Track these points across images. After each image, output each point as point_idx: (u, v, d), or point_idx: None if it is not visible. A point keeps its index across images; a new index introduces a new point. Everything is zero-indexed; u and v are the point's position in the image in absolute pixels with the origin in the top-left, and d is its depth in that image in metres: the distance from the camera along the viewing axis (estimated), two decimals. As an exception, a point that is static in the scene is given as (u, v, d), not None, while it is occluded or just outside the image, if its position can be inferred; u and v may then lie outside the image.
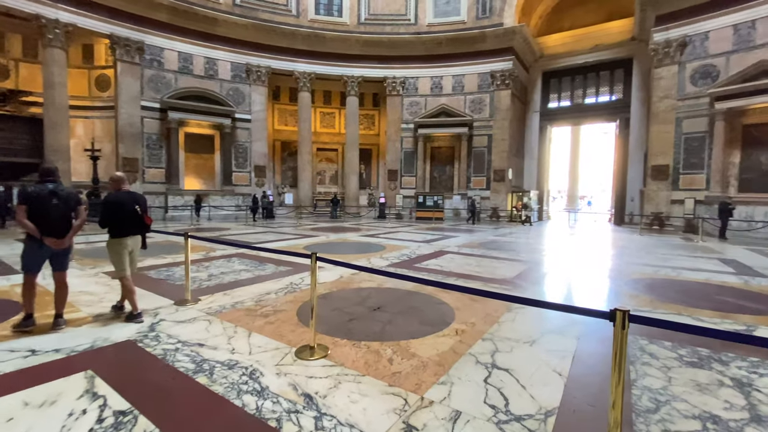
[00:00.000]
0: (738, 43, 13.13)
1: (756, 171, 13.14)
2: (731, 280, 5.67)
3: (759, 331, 3.44)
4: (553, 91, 20.74)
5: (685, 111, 14.49)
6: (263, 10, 17.72)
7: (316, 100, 21.42)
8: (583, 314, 1.74)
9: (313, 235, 10.84)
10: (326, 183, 22.89)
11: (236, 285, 4.93)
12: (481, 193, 18.88)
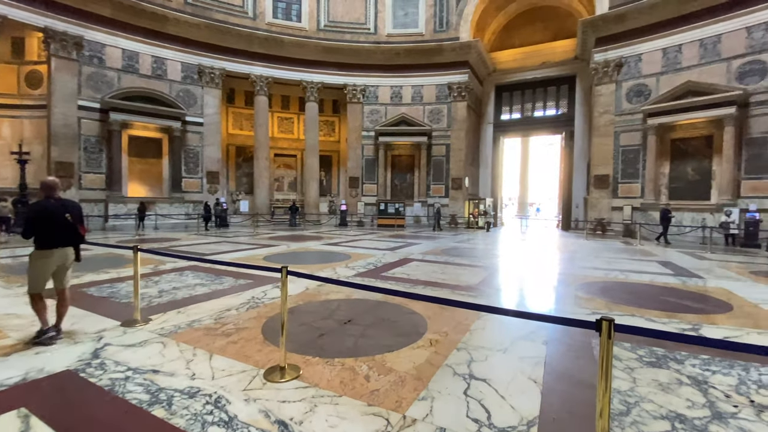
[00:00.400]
0: (667, 65, 14.61)
1: (683, 180, 14.62)
2: (671, 281, 6.19)
3: (704, 329, 3.74)
4: (506, 104, 21.83)
5: (622, 125, 15.82)
6: (217, 10, 17.00)
7: (274, 104, 20.87)
8: (569, 325, 1.76)
9: (272, 244, 10.41)
10: (284, 190, 22.25)
11: (191, 301, 4.55)
12: (440, 200, 19.30)
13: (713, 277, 6.51)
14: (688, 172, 14.52)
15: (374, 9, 19.20)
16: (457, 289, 5.41)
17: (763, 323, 3.94)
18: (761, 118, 12.54)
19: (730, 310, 4.43)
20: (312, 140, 19.58)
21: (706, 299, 4.97)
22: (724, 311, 4.40)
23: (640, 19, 14.97)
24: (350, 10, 19.17)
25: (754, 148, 12.74)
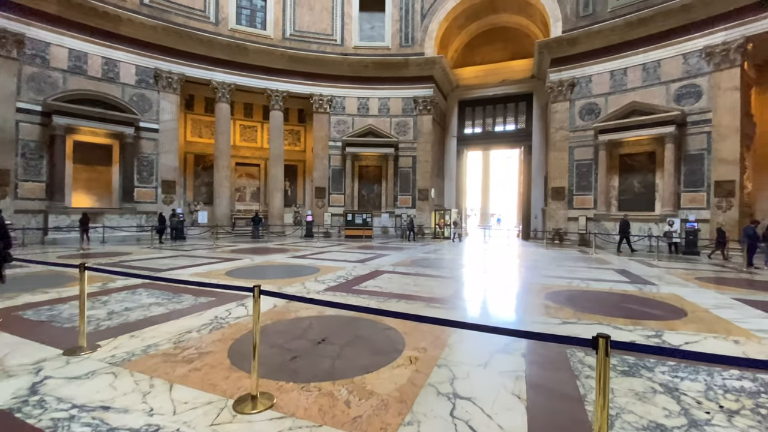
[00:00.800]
0: (614, 86, 15.77)
1: (631, 193, 15.70)
2: (629, 288, 6.52)
3: (666, 336, 3.92)
4: (468, 118, 22.59)
5: (576, 141, 16.81)
6: (177, 13, 16.30)
7: (236, 112, 20.22)
8: (566, 343, 1.73)
9: (234, 257, 9.90)
10: (246, 200, 21.46)
11: (146, 323, 4.15)
12: (407, 211, 19.44)
13: (665, 284, 6.95)
14: (635, 185, 15.64)
15: (341, 21, 19.28)
16: (432, 301, 5.36)
17: (717, 327, 4.21)
18: (697, 136, 13.81)
19: (685, 316, 4.70)
20: (277, 149, 19.10)
21: (662, 305, 5.26)
22: (679, 317, 4.66)
23: (590, 43, 16.12)
24: (317, 20, 19.12)
25: (691, 163, 13.97)
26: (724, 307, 5.16)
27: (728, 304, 5.34)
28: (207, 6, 17.13)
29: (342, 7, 19.25)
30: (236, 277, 6.93)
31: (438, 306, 5.14)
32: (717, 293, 6.10)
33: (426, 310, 4.86)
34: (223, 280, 6.62)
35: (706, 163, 13.57)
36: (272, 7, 18.54)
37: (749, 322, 4.40)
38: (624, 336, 3.90)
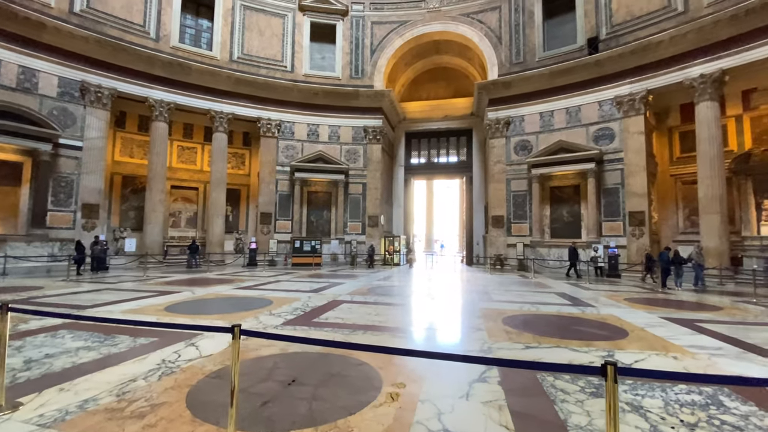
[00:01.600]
0: (543, 126, 17.56)
1: (560, 222, 17.27)
2: (573, 310, 7.03)
3: (617, 355, 4.25)
4: (414, 149, 23.59)
5: (512, 174, 18.25)
6: (112, 25, 15.19)
7: (175, 132, 18.99)
8: (573, 372, 1.78)
9: (170, 290, 8.97)
10: (181, 226, 19.84)
11: (77, 372, 3.53)
12: (357, 237, 19.35)
13: (601, 305, 7.62)
14: (564, 214, 17.26)
15: (291, 49, 19.38)
16: (398, 332, 5.28)
17: (656, 345, 4.66)
18: (613, 172, 15.74)
19: (627, 336, 5.16)
20: (219, 172, 18.11)
21: (606, 326, 5.73)
22: (623, 336, 5.10)
23: (522, 87, 17.93)
24: (266, 46, 19.00)
25: (609, 196, 15.82)
26: (655, 325, 5.76)
27: (658, 322, 5.99)
28: (147, 21, 16.22)
29: (293, 36, 19.41)
30: (178, 313, 6.26)
31: (405, 336, 5.08)
32: (646, 313, 6.81)
33: (394, 341, 4.77)
34: (164, 317, 5.93)
35: (621, 196, 15.46)
36: (219, 29, 18.11)
37: (680, 339, 4.95)
38: (582, 358, 4.15)
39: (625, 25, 15.50)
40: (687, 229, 15.81)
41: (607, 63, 15.70)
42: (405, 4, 19.95)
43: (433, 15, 19.72)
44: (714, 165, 13.14)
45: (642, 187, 14.93)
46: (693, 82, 13.56)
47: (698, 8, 13.56)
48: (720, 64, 12.90)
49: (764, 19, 11.73)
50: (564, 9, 17.50)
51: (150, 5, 16.29)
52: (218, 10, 18.13)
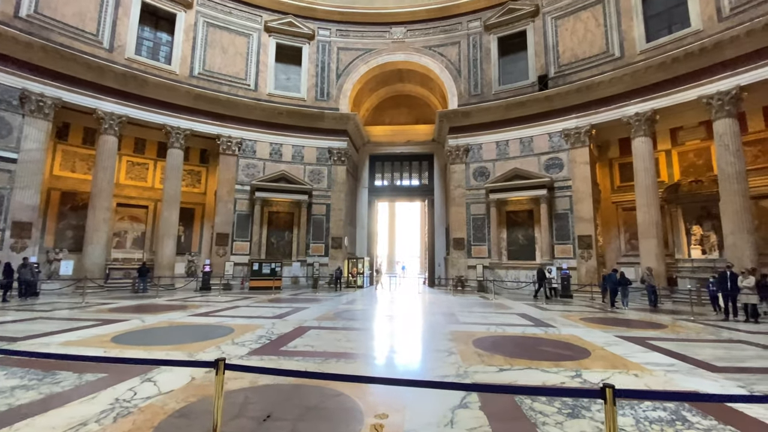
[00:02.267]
0: (500, 154, 18.58)
1: (516, 245, 18.08)
2: (537, 331, 7.29)
3: (585, 374, 4.42)
4: (378, 171, 23.93)
5: (471, 198, 18.98)
6: (61, 33, 14.24)
7: (125, 146, 17.80)
8: (574, 396, 1.83)
9: (116, 318, 8.16)
10: (126, 247, 18.33)
11: (15, 416, 3.05)
12: (319, 259, 18.94)
13: (561, 326, 7.97)
14: (520, 237, 18.12)
15: (255, 68, 19.19)
16: (372, 359, 5.17)
17: (617, 363, 4.93)
18: (562, 198, 16.88)
19: (590, 355, 5.41)
20: (173, 190, 17.11)
21: (569, 347, 5.98)
22: (586, 356, 5.35)
23: (480, 117, 18.97)
24: (229, 64, 18.67)
25: (560, 220, 16.89)
26: (612, 344, 6.11)
27: (614, 341, 6.36)
28: (101, 31, 15.39)
29: (257, 56, 19.28)
30: (127, 344, 5.69)
31: (380, 363, 4.97)
32: (602, 332, 7.22)
33: (370, 369, 4.65)
34: (113, 349, 5.35)
35: (571, 221, 16.57)
36: (180, 44, 17.58)
37: (636, 357, 5.28)
38: (553, 378, 4.27)
39: (571, 66, 17.09)
40: (628, 252, 17.17)
41: (555, 99, 17.11)
42: (370, 33, 20.64)
43: (397, 45, 20.55)
44: (650, 194, 14.56)
45: (588, 212, 16.13)
46: (629, 120, 15.11)
47: (632, 54, 15.32)
48: (652, 105, 14.53)
49: (688, 67, 13.47)
50: (517, 48, 19.00)
51: (105, 15, 15.52)
52: (179, 25, 17.65)
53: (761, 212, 13.46)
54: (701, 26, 13.55)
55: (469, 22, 19.93)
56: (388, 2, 20.67)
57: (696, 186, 15.15)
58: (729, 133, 12.71)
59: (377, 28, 20.61)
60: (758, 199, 13.30)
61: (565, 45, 17.39)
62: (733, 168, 12.53)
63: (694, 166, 15.73)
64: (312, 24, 20.13)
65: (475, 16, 19.80)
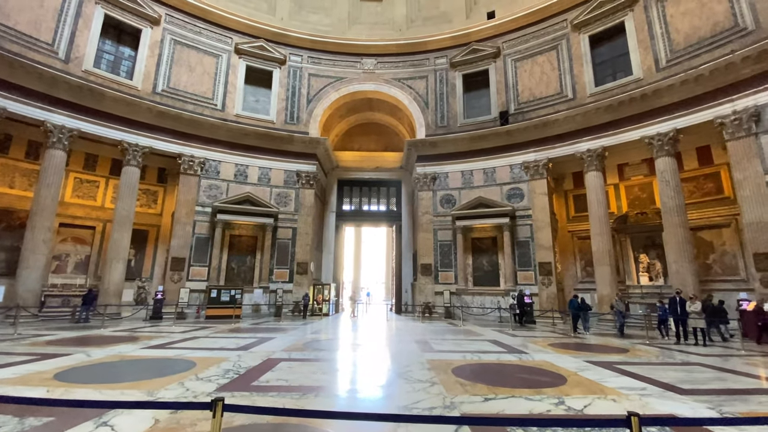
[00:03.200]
0: (465, 183, 19.26)
1: (481, 270, 18.51)
2: (511, 358, 7.35)
3: (567, 401, 4.47)
4: (346, 196, 23.88)
5: (438, 224, 19.36)
6: (13, 40, 13.29)
7: (73, 162, 16.50)
8: (600, 426, 1.81)
9: (57, 352, 7.23)
10: (67, 271, 16.66)
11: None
12: (283, 285, 18.19)
13: (532, 352, 8.11)
14: (484, 263, 18.59)
15: (224, 88, 18.85)
16: (354, 392, 4.92)
17: (594, 389, 5.05)
18: (523, 227, 17.66)
19: (566, 381, 5.51)
20: (126, 210, 15.95)
21: (545, 373, 6.07)
22: (564, 382, 5.44)
23: (447, 148, 19.70)
24: (196, 82, 18.21)
25: (522, 248, 17.59)
26: (584, 369, 6.29)
27: (585, 366, 6.54)
28: (57, 41, 14.53)
29: (226, 76, 19.00)
30: (74, 382, 5.03)
31: (362, 396, 4.74)
32: (572, 358, 7.42)
33: (353, 403, 4.41)
34: (58, 388, 4.69)
35: (532, 248, 17.31)
36: (144, 59, 16.96)
37: (609, 381, 5.44)
38: (539, 406, 4.28)
39: (529, 104, 18.39)
40: (584, 279, 18.11)
41: (515, 133, 18.21)
42: (342, 63, 21.13)
43: (368, 75, 21.15)
44: (602, 224, 15.63)
45: (548, 240, 16.96)
46: (582, 155, 16.36)
47: (583, 96, 16.80)
48: (602, 142, 15.87)
49: (632, 110, 14.95)
50: (480, 85, 20.22)
51: (63, 25, 14.72)
52: (145, 41, 17.09)
53: (699, 242, 14.82)
54: (642, 75, 15.22)
55: (437, 58, 21.02)
56: (360, 34, 21.40)
57: (642, 217, 16.50)
58: (669, 170, 14.10)
59: (349, 58, 21.16)
60: (696, 231, 14.65)
61: (524, 84, 18.76)
62: (674, 202, 13.83)
63: (639, 199, 17.16)
64: (284, 49, 20.29)
65: (441, 54, 20.94)
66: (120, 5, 16.42)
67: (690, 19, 14.14)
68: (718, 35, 13.34)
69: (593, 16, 16.88)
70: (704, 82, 13.22)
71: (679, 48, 14.33)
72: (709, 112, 13.21)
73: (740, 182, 12.42)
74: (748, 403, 4.48)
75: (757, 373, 6.34)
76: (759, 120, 12.06)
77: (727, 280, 14.24)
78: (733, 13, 13.04)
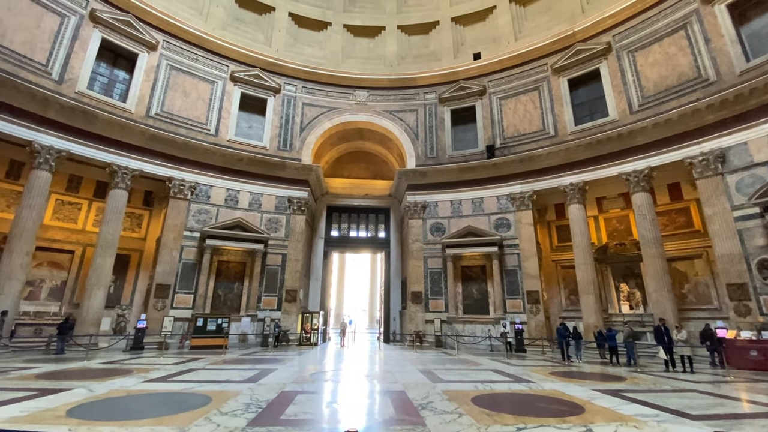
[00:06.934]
0: (454, 212, 19.84)
1: (471, 299, 18.79)
2: (521, 387, 7.53)
3: (595, 429, 4.68)
4: (335, 222, 23.95)
5: (429, 252, 19.68)
6: (5, 59, 13.06)
7: (56, 183, 15.86)
8: None
9: (55, 387, 6.76)
10: (41, 298, 15.68)
11: None
12: (271, 314, 17.75)
13: (537, 381, 8.32)
14: (474, 292, 18.91)
15: (218, 114, 18.95)
16: (392, 423, 4.92)
17: (613, 416, 5.29)
18: (511, 255, 18.25)
19: (584, 410, 5.73)
20: (110, 234, 15.37)
21: (561, 402, 6.28)
22: (582, 411, 5.65)
23: (436, 178, 20.35)
24: (190, 107, 18.24)
25: (510, 276, 18.08)
26: (596, 398, 6.55)
27: (595, 395, 6.81)
28: (51, 62, 14.37)
29: (221, 102, 19.15)
30: (94, 420, 4.78)
31: (401, 427, 4.76)
32: (578, 386, 7.68)
33: (391, 435, 4.44)
34: (80, 427, 4.46)
35: (520, 277, 17.84)
36: (139, 83, 16.92)
37: (623, 409, 5.72)
38: (570, 435, 4.47)
39: (514, 139, 19.48)
40: (569, 307, 18.72)
41: (502, 166, 19.13)
42: (335, 94, 21.78)
43: (360, 107, 21.85)
44: (586, 254, 16.42)
45: (535, 269, 17.57)
46: (565, 188, 17.34)
47: (564, 134, 18.00)
48: (583, 177, 16.92)
49: (609, 148, 16.16)
50: (468, 120, 21.28)
51: (59, 46, 14.63)
52: (141, 65, 17.11)
53: (673, 272, 15.74)
54: (617, 116, 16.58)
55: (426, 93, 22.06)
56: (353, 68, 22.25)
57: (621, 248, 17.47)
58: (645, 205, 15.18)
59: (342, 90, 21.86)
60: (671, 261, 15.62)
61: (509, 121, 19.93)
62: (651, 234, 14.81)
63: (617, 230, 18.21)
64: (279, 79, 20.76)
65: (431, 89, 22.01)
66: (118, 30, 16.50)
67: (658, 69, 15.72)
68: (684, 84, 14.87)
69: (571, 62, 18.40)
70: (673, 126, 14.57)
71: (650, 94, 15.82)
72: (679, 153, 14.49)
73: (710, 217, 13.53)
74: (754, 427, 4.85)
75: (753, 398, 6.80)
76: (724, 161, 13.35)
77: (701, 309, 15.16)
78: (697, 66, 14.64)
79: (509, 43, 20.73)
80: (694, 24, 14.94)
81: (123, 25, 16.57)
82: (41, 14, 14.49)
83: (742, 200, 12.86)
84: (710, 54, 14.35)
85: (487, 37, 21.69)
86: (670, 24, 15.66)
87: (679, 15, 15.44)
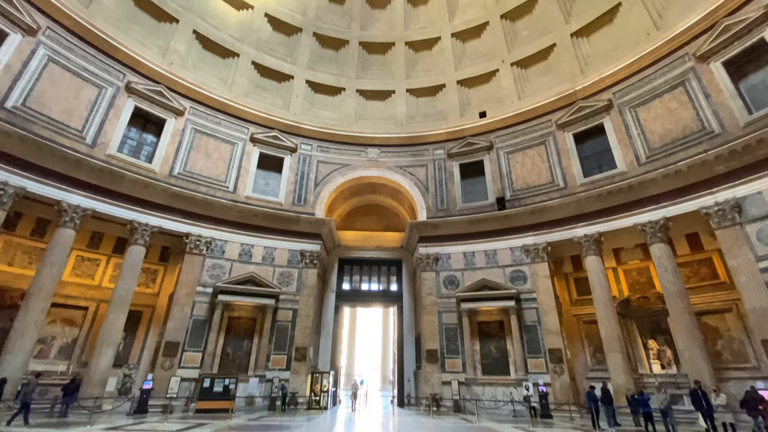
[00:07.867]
0: (467, 264, 19.53)
1: (490, 357, 17.79)
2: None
3: None
4: (347, 275, 23.76)
5: (443, 306, 19.08)
6: (43, 125, 14.25)
7: (78, 239, 16.36)
8: None
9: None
10: (50, 356, 15.48)
11: None
12: (280, 374, 17.01)
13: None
14: (492, 350, 17.94)
15: (237, 172, 19.84)
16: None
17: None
18: (529, 310, 17.55)
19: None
20: (125, 291, 15.47)
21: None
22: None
23: (448, 229, 20.35)
24: (211, 167, 19.20)
25: (529, 333, 17.23)
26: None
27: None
28: (87, 128, 15.58)
29: (240, 161, 20.14)
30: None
31: None
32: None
33: None
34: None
35: (540, 333, 16.98)
36: (165, 145, 18.07)
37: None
38: None
39: (524, 191, 19.67)
40: (595, 366, 17.49)
41: (514, 218, 19.11)
42: (348, 151, 22.77)
43: (372, 163, 22.68)
44: (608, 308, 15.69)
45: (555, 325, 16.76)
46: (579, 240, 17.07)
47: (574, 186, 18.13)
48: (597, 228, 16.71)
49: (621, 199, 16.07)
50: (477, 173, 21.74)
51: (95, 114, 15.95)
52: (168, 129, 18.38)
53: (704, 327, 14.77)
54: (625, 168, 16.73)
55: (435, 149, 22.86)
56: (365, 128, 23.46)
57: (644, 302, 16.69)
58: (665, 256, 14.74)
59: (355, 148, 22.87)
60: (699, 315, 14.74)
61: (518, 174, 20.27)
62: (675, 287, 14.19)
63: (638, 282, 17.52)
64: (295, 139, 21.93)
65: (439, 145, 22.83)
66: (150, 99, 18.00)
67: (661, 122, 16.13)
68: (689, 136, 15.13)
69: (575, 117, 19.06)
70: (684, 176, 14.58)
71: (656, 146, 16.08)
72: (693, 203, 14.33)
73: (735, 269, 13.00)
74: None
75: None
76: (741, 211, 13.12)
77: (739, 368, 14.00)
78: (699, 119, 14.98)
79: (513, 102, 21.76)
80: (692, 81, 15.54)
81: (155, 94, 18.12)
82: (81, 86, 15.97)
83: (765, 250, 12.42)
84: (712, 108, 14.75)
85: (491, 97, 22.86)
86: (668, 81, 16.33)
87: (676, 73, 16.13)
